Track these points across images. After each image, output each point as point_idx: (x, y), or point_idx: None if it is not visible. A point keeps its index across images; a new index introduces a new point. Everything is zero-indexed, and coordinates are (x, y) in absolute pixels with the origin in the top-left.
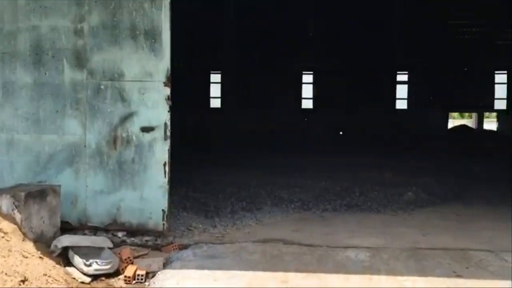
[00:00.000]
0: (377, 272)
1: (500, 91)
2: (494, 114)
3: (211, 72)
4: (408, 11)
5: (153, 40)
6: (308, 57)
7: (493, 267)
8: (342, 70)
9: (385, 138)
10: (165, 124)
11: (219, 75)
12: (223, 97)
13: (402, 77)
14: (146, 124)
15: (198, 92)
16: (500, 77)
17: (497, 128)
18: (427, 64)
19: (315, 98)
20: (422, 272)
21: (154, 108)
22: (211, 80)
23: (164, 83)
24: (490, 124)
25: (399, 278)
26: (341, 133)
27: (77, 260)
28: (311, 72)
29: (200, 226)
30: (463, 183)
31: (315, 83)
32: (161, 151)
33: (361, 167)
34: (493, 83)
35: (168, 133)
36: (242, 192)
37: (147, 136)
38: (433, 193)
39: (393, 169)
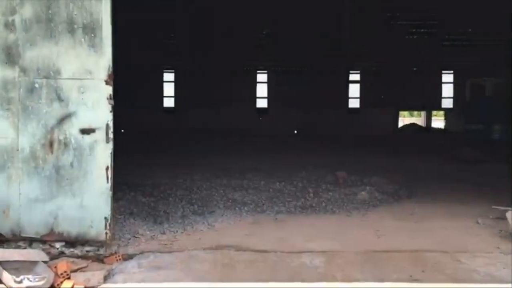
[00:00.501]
0: (333, 278)
1: (447, 90)
2: (442, 112)
3: (165, 71)
4: (358, 11)
5: (92, 35)
6: (263, 57)
7: (449, 269)
8: (296, 69)
9: (338, 137)
10: (107, 125)
11: (173, 74)
12: (176, 96)
13: (354, 76)
14: (86, 125)
15: (151, 92)
16: (447, 77)
17: (445, 126)
18: (378, 64)
19: (270, 98)
20: (379, 277)
21: (95, 108)
22: (165, 79)
23: (105, 81)
24: (438, 122)
25: (355, 285)
26: (295, 132)
27: (6, 276)
28: (266, 71)
29: (148, 233)
30: (415, 181)
31: (269, 83)
32: (103, 155)
33: (315, 167)
34: (440, 82)
35: (111, 135)
36: (194, 195)
37: (87, 139)
38: (386, 192)
39: (346, 168)
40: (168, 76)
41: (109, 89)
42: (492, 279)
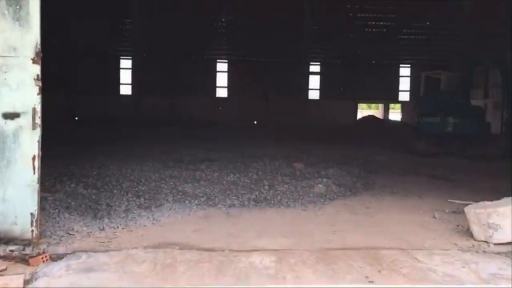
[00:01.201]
0: (283, 281)
1: (404, 84)
2: (399, 105)
3: (122, 57)
4: (319, 4)
5: (17, 7)
6: (223, 46)
7: (406, 269)
8: (257, 59)
9: (297, 128)
10: (34, 109)
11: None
12: (133, 84)
13: (315, 68)
14: (9, 109)
15: (108, 78)
16: (404, 71)
17: (401, 118)
18: (338, 56)
19: (229, 87)
20: (332, 278)
21: (20, 90)
22: (122, 66)
23: (32, 59)
24: (395, 114)
25: None
26: (255, 122)
27: None
28: (226, 61)
29: (85, 229)
30: (371, 173)
31: (229, 72)
32: (29, 143)
33: (272, 158)
34: (398, 76)
35: (38, 121)
36: (141, 186)
37: (11, 124)
38: (343, 184)
39: (304, 159)
40: (126, 63)
41: (36, 69)
42: (451, 280)
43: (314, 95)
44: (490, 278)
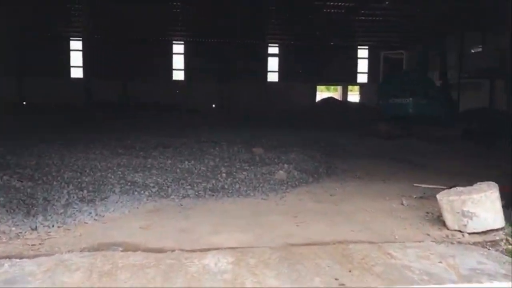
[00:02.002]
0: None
1: (363, 65)
2: (357, 87)
3: (71, 38)
4: None
5: None
6: (178, 27)
7: (379, 266)
8: (214, 41)
9: (257, 111)
10: None
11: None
12: (84, 66)
13: (273, 50)
14: None
15: (57, 61)
16: (363, 52)
17: (360, 100)
18: (297, 38)
19: (186, 70)
20: (298, 282)
21: None
22: (72, 48)
23: None
24: (354, 96)
25: None
26: (214, 105)
27: None
28: (182, 42)
29: (13, 229)
30: (333, 157)
31: (186, 54)
32: None
33: (230, 143)
34: (356, 58)
35: None
36: (85, 177)
37: None
38: (306, 170)
39: (263, 143)
40: (76, 45)
41: None
42: (430, 279)
43: (273, 77)
44: (470, 274)
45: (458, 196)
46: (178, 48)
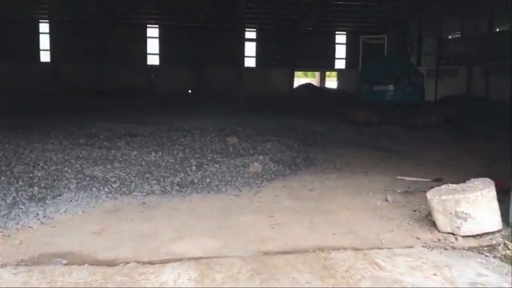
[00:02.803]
0: None
1: (340, 51)
2: (335, 73)
3: (40, 21)
4: None
5: None
6: (153, 10)
7: (366, 281)
8: (190, 25)
9: (233, 97)
10: None
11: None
12: (52, 49)
13: (250, 34)
14: None
15: (27, 45)
16: (340, 38)
17: (337, 86)
18: (274, 22)
19: (161, 54)
20: None
21: None
22: (41, 31)
23: None
24: (332, 82)
25: None
26: (190, 91)
27: None
28: (157, 26)
29: None
30: (311, 145)
31: (161, 38)
32: None
33: (203, 131)
34: (334, 43)
35: None
36: (38, 171)
37: None
38: (283, 161)
39: (238, 132)
40: (45, 27)
41: None
42: None
43: (250, 63)
44: None
45: (451, 195)
46: (153, 31)
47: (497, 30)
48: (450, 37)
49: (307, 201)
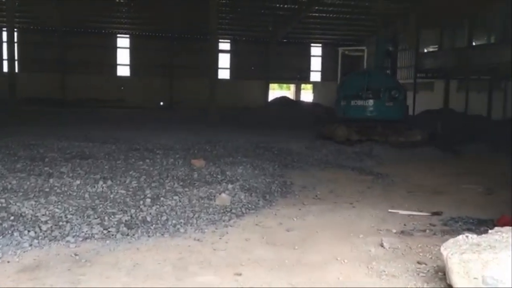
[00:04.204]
0: None
1: (316, 63)
2: (310, 85)
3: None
4: None
5: None
6: (123, 19)
7: None
8: (162, 35)
9: (205, 110)
10: None
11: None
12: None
13: (224, 45)
14: None
15: None
16: (316, 50)
17: (313, 99)
18: (249, 33)
19: (132, 65)
20: None
21: None
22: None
23: None
24: (307, 94)
25: None
26: (161, 103)
27: None
28: (127, 36)
29: None
30: (288, 167)
31: (132, 48)
32: None
33: (167, 151)
34: (309, 55)
35: None
36: None
37: None
38: (255, 189)
39: (207, 152)
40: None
41: None
42: None
43: (224, 74)
44: None
45: (475, 253)
46: (123, 41)
47: (474, 44)
48: (425, 50)
49: (284, 249)
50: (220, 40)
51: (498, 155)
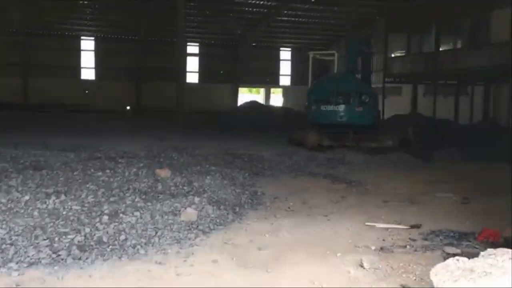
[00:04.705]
0: None
1: (285, 67)
2: (280, 89)
3: None
4: None
5: None
6: (87, 21)
7: None
8: (128, 37)
9: (173, 115)
10: None
11: None
12: None
13: (193, 49)
14: None
15: None
16: (285, 54)
17: (283, 103)
18: (218, 37)
19: (97, 68)
20: None
21: None
22: None
23: None
24: (277, 99)
25: None
26: (128, 108)
27: None
28: (92, 38)
29: None
30: (259, 175)
31: (97, 51)
32: None
33: (131, 159)
34: (278, 59)
35: None
36: None
37: None
38: (224, 201)
39: (173, 160)
40: None
41: None
42: None
43: (193, 78)
44: None
45: (470, 281)
46: (88, 44)
47: (441, 49)
48: (393, 55)
49: (257, 272)
50: (188, 43)
51: (470, 161)
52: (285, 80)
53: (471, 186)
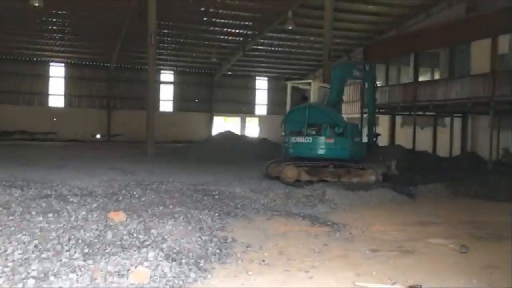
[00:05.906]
0: None
1: (262, 97)
2: (256, 119)
3: None
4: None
5: None
6: (56, 46)
7: None
8: (99, 64)
9: (144, 144)
10: None
11: None
12: None
13: (167, 77)
14: None
15: None
16: (262, 83)
17: (259, 133)
18: (193, 65)
19: (66, 95)
20: None
21: None
22: None
23: None
24: (253, 127)
25: None
26: (98, 136)
27: None
28: (62, 64)
29: None
30: (229, 216)
31: (67, 78)
32: None
33: (84, 198)
34: (254, 88)
35: None
36: None
37: None
38: (186, 255)
39: (133, 198)
40: None
41: None
42: None
43: (167, 106)
44: None
45: None
46: (57, 70)
47: (420, 80)
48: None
49: None
50: (162, 71)
51: (455, 198)
52: (261, 109)
53: (465, 229)
